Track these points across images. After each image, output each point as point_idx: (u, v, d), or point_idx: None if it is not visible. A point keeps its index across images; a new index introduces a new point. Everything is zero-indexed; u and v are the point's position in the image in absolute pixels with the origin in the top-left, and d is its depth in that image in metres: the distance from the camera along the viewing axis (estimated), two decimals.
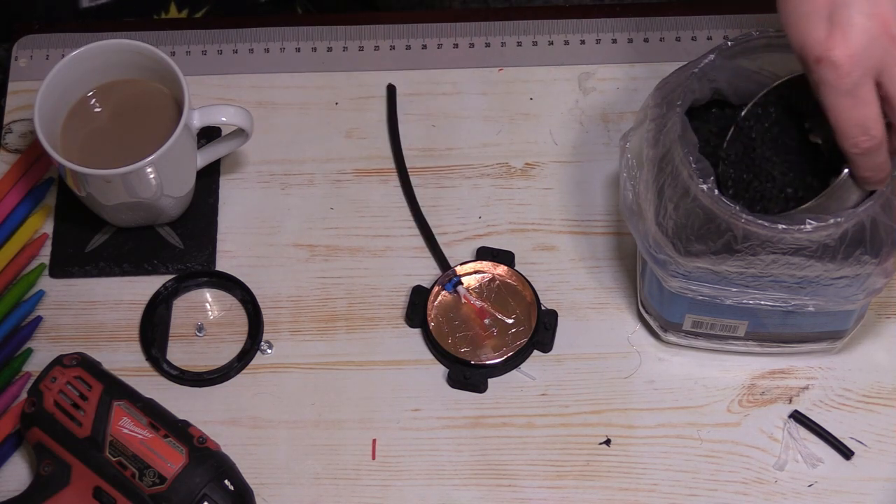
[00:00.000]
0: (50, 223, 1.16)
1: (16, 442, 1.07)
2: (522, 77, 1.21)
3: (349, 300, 1.12)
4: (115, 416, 1.01)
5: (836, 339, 1.06)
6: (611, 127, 1.18)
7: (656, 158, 0.98)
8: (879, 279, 0.96)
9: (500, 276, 1.12)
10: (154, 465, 1.00)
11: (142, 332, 1.11)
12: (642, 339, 1.10)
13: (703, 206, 0.94)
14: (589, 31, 1.22)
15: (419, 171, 1.17)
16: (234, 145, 1.13)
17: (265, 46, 1.23)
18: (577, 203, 1.16)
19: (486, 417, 1.08)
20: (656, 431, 1.07)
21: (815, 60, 0.86)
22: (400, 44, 1.22)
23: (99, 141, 1.10)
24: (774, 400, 1.08)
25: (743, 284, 0.97)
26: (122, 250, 1.14)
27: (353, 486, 1.06)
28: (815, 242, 0.93)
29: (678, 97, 0.98)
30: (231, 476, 1.01)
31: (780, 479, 1.05)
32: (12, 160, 1.18)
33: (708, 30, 1.22)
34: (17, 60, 1.22)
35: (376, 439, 1.08)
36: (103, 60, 1.10)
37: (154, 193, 1.09)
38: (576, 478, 1.06)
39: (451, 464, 1.07)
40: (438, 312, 1.10)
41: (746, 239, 0.94)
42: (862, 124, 0.88)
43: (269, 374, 1.10)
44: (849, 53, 0.86)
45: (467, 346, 1.09)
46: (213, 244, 1.14)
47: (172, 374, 1.10)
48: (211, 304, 1.13)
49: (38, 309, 1.13)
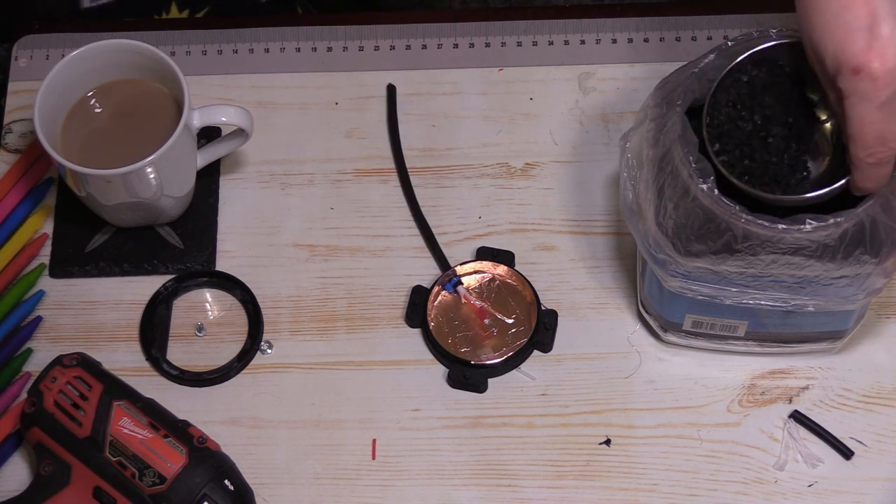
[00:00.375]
0: (50, 223, 1.16)
1: (16, 442, 1.07)
2: (522, 77, 1.21)
3: (349, 300, 1.12)
4: (115, 416, 1.01)
5: (836, 339, 1.06)
6: (611, 127, 1.18)
7: (656, 158, 0.98)
8: (879, 279, 0.96)
9: (500, 276, 1.12)
10: (154, 465, 1.00)
11: (142, 332, 1.12)
12: (642, 339, 1.10)
13: (703, 206, 0.94)
14: (589, 31, 1.22)
15: (419, 171, 1.17)
16: (234, 145, 1.13)
17: (265, 46, 1.23)
18: (577, 203, 1.16)
19: (486, 417, 1.08)
20: (656, 431, 1.07)
21: (853, 70, 0.86)
22: (400, 44, 1.22)
23: (99, 141, 1.10)
24: (774, 400, 1.08)
25: (743, 284, 0.97)
26: (122, 250, 1.14)
27: (353, 486, 1.06)
28: (815, 242, 0.93)
29: (678, 97, 0.98)
30: (231, 476, 1.01)
31: (780, 479, 1.05)
32: (12, 160, 1.18)
33: (708, 30, 1.22)
34: (17, 60, 1.22)
35: (376, 439, 1.08)
36: (103, 60, 1.10)
37: (154, 193, 1.09)
38: (576, 478, 1.06)
39: (451, 464, 1.07)
40: (438, 312, 1.10)
41: (746, 239, 0.94)
42: (883, 136, 0.88)
43: (269, 374, 1.10)
44: (888, 67, 0.85)
45: (467, 346, 1.09)
46: (213, 244, 1.14)
47: (172, 374, 1.10)
48: (211, 304, 1.13)
49: (38, 309, 1.13)
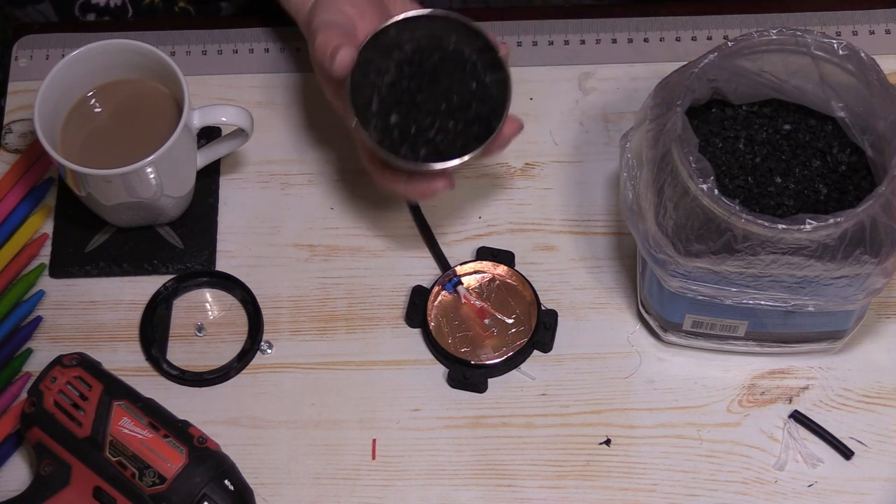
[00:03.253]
0: (50, 223, 1.16)
1: (16, 442, 1.07)
2: (522, 77, 1.20)
3: (349, 300, 1.12)
4: (115, 416, 1.01)
5: (836, 339, 1.06)
6: (611, 127, 1.18)
7: (656, 158, 0.98)
8: (879, 279, 0.96)
9: (500, 276, 1.12)
10: (154, 465, 1.00)
11: (142, 332, 1.12)
12: (642, 339, 1.10)
13: (703, 206, 0.94)
14: (589, 31, 1.22)
15: None
16: (234, 145, 1.13)
17: (265, 46, 1.23)
18: (577, 203, 1.16)
19: (486, 417, 1.08)
20: (656, 431, 1.07)
21: None
22: None
23: (99, 141, 1.10)
24: (774, 400, 1.08)
25: (743, 284, 0.97)
26: (122, 250, 1.14)
27: (353, 486, 1.06)
28: (814, 242, 0.93)
29: (678, 97, 0.98)
30: (231, 476, 1.01)
31: (780, 479, 1.05)
32: (12, 160, 1.18)
33: (708, 30, 1.22)
34: (17, 60, 1.23)
35: (376, 439, 1.08)
36: (103, 60, 1.10)
37: (154, 193, 1.09)
38: (576, 478, 1.06)
39: (451, 464, 1.07)
40: (438, 312, 1.10)
41: (746, 239, 0.94)
42: None
43: (269, 374, 1.10)
44: None
45: (467, 346, 1.09)
46: (213, 244, 1.14)
47: (172, 374, 1.10)
48: (211, 304, 1.13)
49: (38, 309, 1.13)
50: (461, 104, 1.03)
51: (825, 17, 1.21)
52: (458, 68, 1.04)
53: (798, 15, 1.21)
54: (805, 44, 0.99)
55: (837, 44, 0.98)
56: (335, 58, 1.02)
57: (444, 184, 1.04)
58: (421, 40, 1.04)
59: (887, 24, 1.21)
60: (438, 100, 1.03)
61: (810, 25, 1.20)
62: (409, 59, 1.04)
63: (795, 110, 1.03)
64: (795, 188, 1.01)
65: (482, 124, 1.03)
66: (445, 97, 1.03)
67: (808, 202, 1.00)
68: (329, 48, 1.03)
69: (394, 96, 1.04)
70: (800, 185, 1.01)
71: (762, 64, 1.00)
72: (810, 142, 1.02)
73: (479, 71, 1.04)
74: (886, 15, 1.22)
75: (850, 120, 1.00)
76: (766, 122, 1.03)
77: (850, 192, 1.00)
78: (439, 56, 1.04)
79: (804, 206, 1.00)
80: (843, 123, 1.01)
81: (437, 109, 1.03)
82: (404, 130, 1.03)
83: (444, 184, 1.04)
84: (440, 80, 1.04)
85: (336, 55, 1.02)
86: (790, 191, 1.01)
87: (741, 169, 1.02)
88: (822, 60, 0.99)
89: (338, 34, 1.04)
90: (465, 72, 1.04)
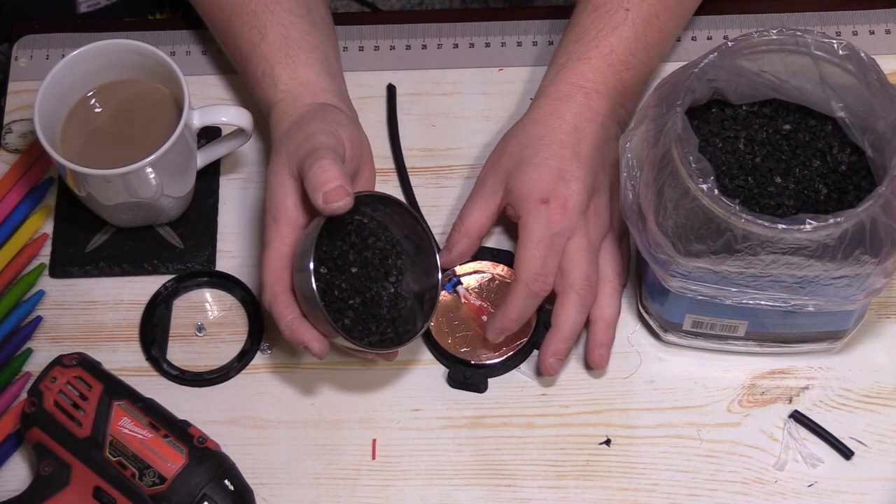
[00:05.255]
0: (50, 223, 1.16)
1: (16, 442, 1.07)
2: (522, 77, 1.21)
3: None
4: (115, 415, 1.01)
5: (836, 339, 1.06)
6: None
7: (656, 158, 0.98)
8: (879, 279, 0.96)
9: (499, 276, 1.12)
10: (154, 465, 1.00)
11: (142, 332, 1.12)
12: (642, 339, 1.10)
13: (703, 206, 0.94)
14: None
15: (419, 171, 1.17)
16: (234, 145, 1.13)
17: None
18: None
19: (486, 417, 1.08)
20: (656, 431, 1.07)
21: (542, 200, 1.04)
22: (400, 44, 1.22)
23: (99, 141, 1.10)
24: (774, 400, 1.08)
25: (743, 284, 0.97)
26: (122, 250, 1.14)
27: (353, 486, 1.06)
28: (814, 242, 0.93)
29: (678, 97, 0.98)
30: (231, 476, 1.01)
31: (780, 479, 1.05)
32: (12, 160, 1.18)
33: (708, 30, 1.22)
34: (17, 60, 1.23)
35: (376, 439, 1.08)
36: (103, 60, 1.10)
37: (154, 193, 1.09)
38: (576, 478, 1.06)
39: (451, 464, 1.07)
40: (438, 312, 1.10)
41: (746, 239, 0.94)
42: (544, 264, 1.04)
43: (269, 374, 1.10)
44: (569, 206, 1.04)
45: (467, 346, 1.09)
46: (213, 244, 1.14)
47: (172, 374, 1.10)
48: (211, 304, 1.13)
49: (38, 309, 1.13)
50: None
51: (825, 17, 1.21)
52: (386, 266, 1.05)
53: (798, 15, 1.21)
54: (805, 44, 0.99)
55: (837, 44, 0.98)
56: (337, 202, 0.98)
57: None
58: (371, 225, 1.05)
59: (887, 24, 1.21)
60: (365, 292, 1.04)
61: (810, 25, 1.20)
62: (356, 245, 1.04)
63: (795, 110, 1.03)
64: (795, 188, 1.01)
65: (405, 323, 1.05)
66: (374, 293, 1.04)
67: (808, 202, 1.00)
68: (332, 185, 0.99)
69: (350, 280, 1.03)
70: (800, 185, 1.01)
71: (762, 64, 1.00)
72: (810, 142, 1.02)
73: None
74: (886, 15, 1.22)
75: (850, 120, 1.00)
76: (766, 122, 1.03)
77: (850, 192, 1.00)
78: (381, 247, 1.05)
79: (804, 206, 1.00)
80: (843, 123, 1.01)
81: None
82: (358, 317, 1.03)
83: None
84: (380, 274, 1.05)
85: (340, 200, 0.98)
86: (790, 191, 1.01)
87: (741, 169, 1.02)
88: (822, 60, 0.99)
89: (341, 173, 0.99)
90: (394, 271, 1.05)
